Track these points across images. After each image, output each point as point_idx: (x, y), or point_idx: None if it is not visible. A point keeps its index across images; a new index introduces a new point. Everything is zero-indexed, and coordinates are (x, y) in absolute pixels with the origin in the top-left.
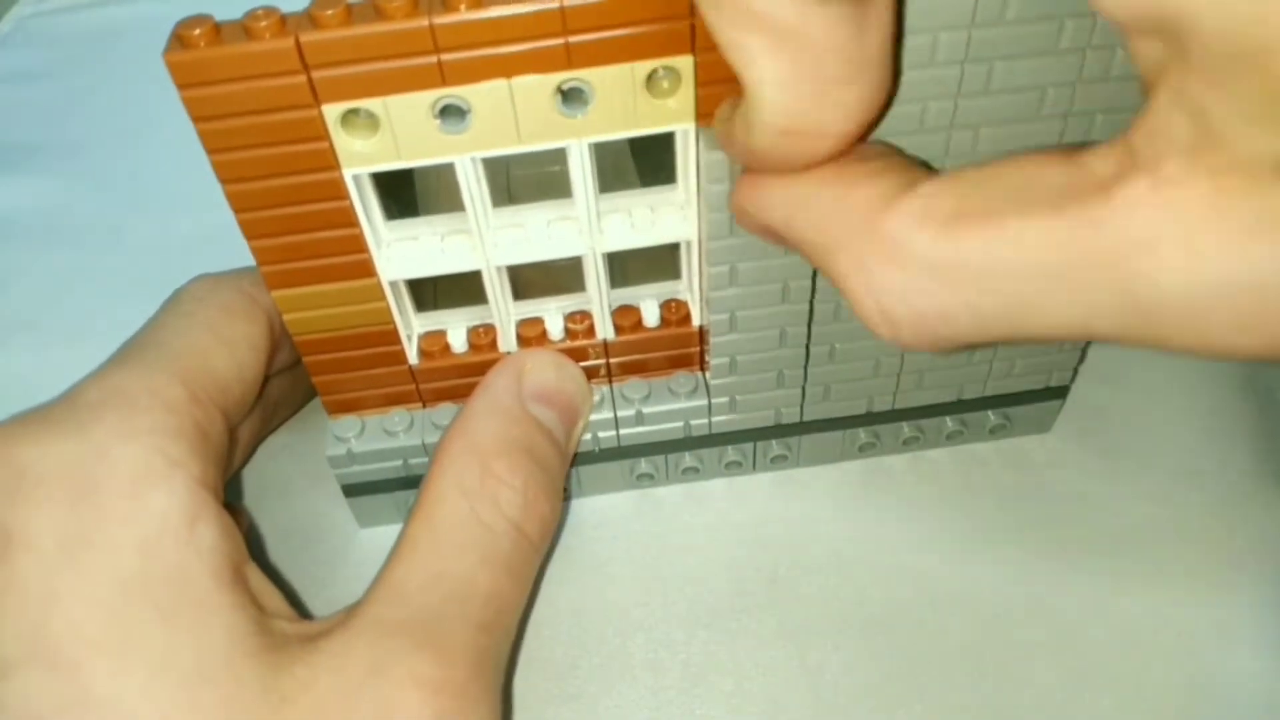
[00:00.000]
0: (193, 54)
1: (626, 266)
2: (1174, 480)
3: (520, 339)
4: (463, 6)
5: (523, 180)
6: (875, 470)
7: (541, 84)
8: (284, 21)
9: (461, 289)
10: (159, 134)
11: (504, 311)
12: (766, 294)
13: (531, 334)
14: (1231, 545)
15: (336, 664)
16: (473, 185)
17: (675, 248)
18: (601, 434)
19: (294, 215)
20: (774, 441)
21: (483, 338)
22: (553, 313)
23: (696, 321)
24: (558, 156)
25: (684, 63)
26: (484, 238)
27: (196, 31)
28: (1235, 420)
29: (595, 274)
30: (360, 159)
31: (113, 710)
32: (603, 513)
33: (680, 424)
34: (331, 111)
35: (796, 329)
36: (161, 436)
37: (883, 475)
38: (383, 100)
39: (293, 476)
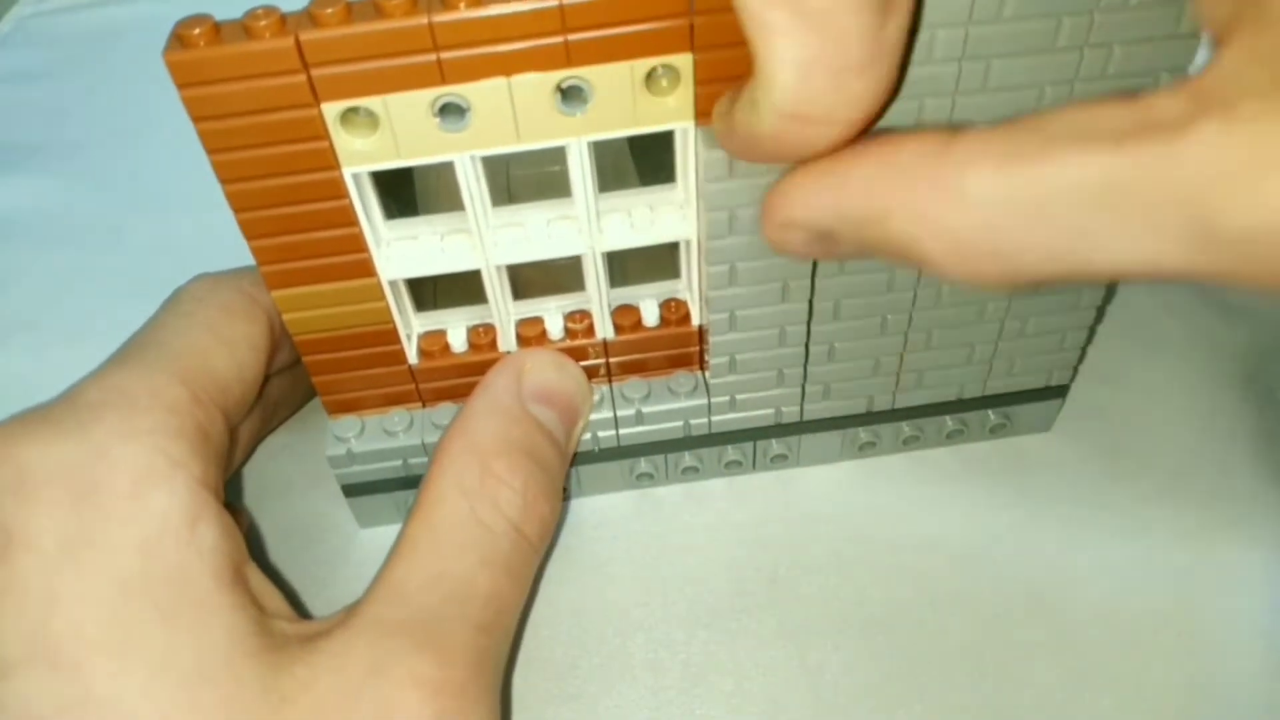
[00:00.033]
0: (192, 54)
1: (626, 266)
2: (1174, 480)
3: (520, 338)
4: (462, 5)
5: (522, 179)
6: (875, 470)
7: (541, 82)
8: (284, 20)
9: (461, 288)
10: (159, 134)
11: (504, 311)
12: (766, 293)
13: (531, 333)
14: (1232, 545)
15: (336, 664)
16: (472, 184)
17: (675, 247)
18: (601, 433)
19: (294, 215)
20: (774, 441)
21: (482, 337)
22: (552, 312)
23: (696, 321)
24: (557, 156)
25: (683, 61)
26: (483, 237)
27: (196, 31)
28: (1235, 420)
29: (595, 273)
30: (360, 158)
31: (113, 710)
32: (603, 512)
33: (680, 423)
34: (331, 110)
35: (796, 328)
36: (162, 437)
37: (883, 475)
38: (382, 99)
39: (293, 476)
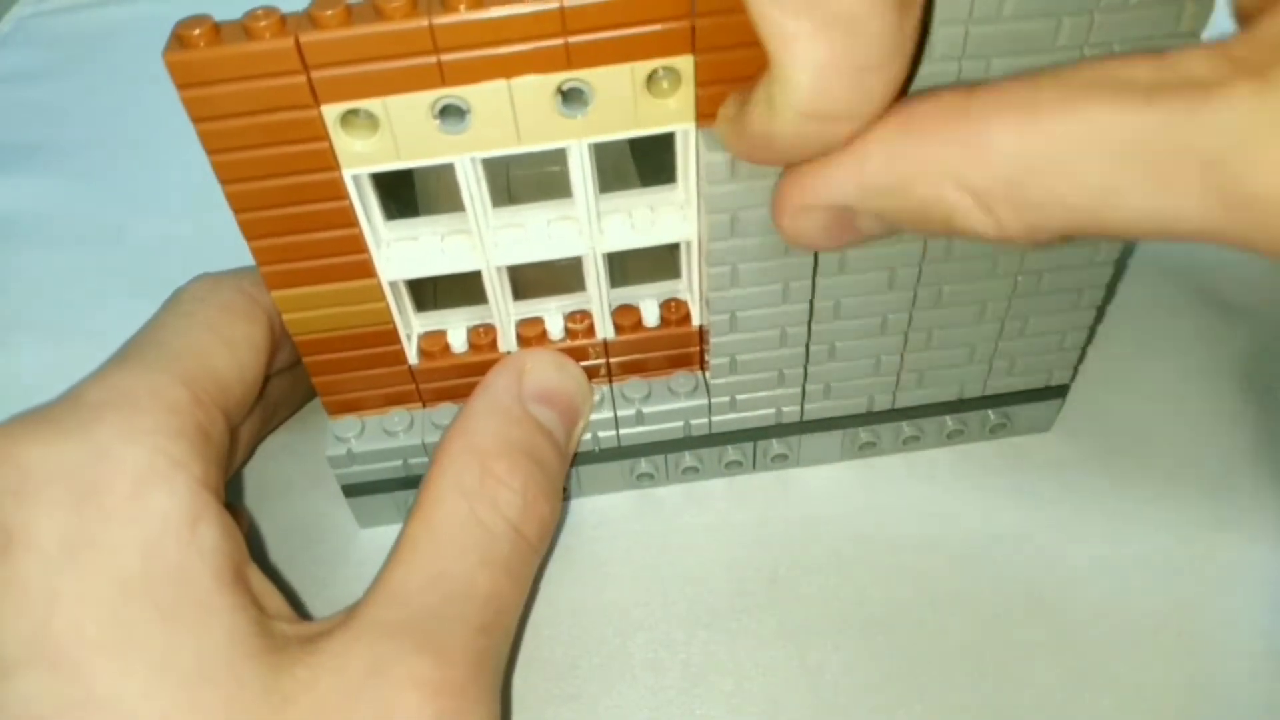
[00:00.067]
0: (192, 54)
1: (626, 266)
2: (1174, 480)
3: (520, 339)
4: (462, 7)
5: (522, 180)
6: (875, 470)
7: (541, 84)
8: (284, 21)
9: (461, 289)
10: (159, 134)
11: (504, 311)
12: (767, 294)
13: (531, 334)
14: (1232, 545)
15: (337, 665)
16: (472, 185)
17: (675, 247)
18: (601, 434)
19: (294, 215)
20: (774, 441)
21: (483, 337)
22: (553, 312)
23: (696, 321)
24: (557, 157)
25: (684, 63)
26: (484, 238)
27: (196, 31)
28: (1235, 420)
29: (595, 274)
30: (360, 159)
31: (114, 711)
32: (602, 513)
33: (680, 423)
34: (331, 112)
35: (796, 328)
36: (163, 437)
37: (883, 475)
38: (382, 100)
39: (293, 476)
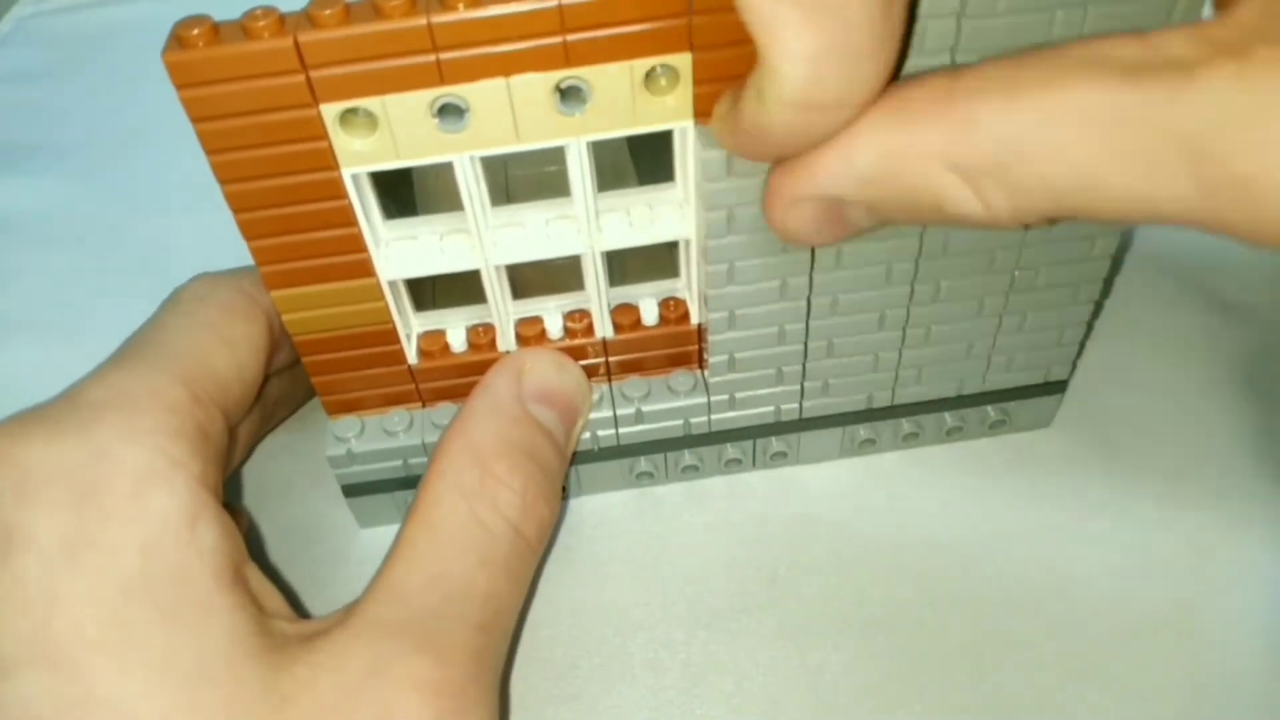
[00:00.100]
0: (191, 54)
1: (625, 265)
2: (1174, 480)
3: (519, 338)
4: (461, 5)
5: (521, 180)
6: (875, 468)
7: (540, 82)
8: (282, 21)
9: (460, 288)
10: (159, 134)
11: (503, 311)
12: (765, 292)
13: (530, 333)
14: (1232, 545)
15: (336, 664)
16: (471, 184)
17: (673, 246)
18: (601, 432)
19: (293, 215)
20: (773, 439)
21: (482, 337)
22: (552, 312)
23: (695, 319)
24: (556, 156)
25: (682, 60)
26: (483, 237)
27: (195, 31)
28: (1235, 420)
29: (594, 273)
30: (359, 158)
31: (114, 711)
32: (602, 512)
33: (680, 422)
34: (330, 111)
35: (794, 325)
36: (163, 437)
37: (882, 473)
38: (381, 99)
39: (293, 476)
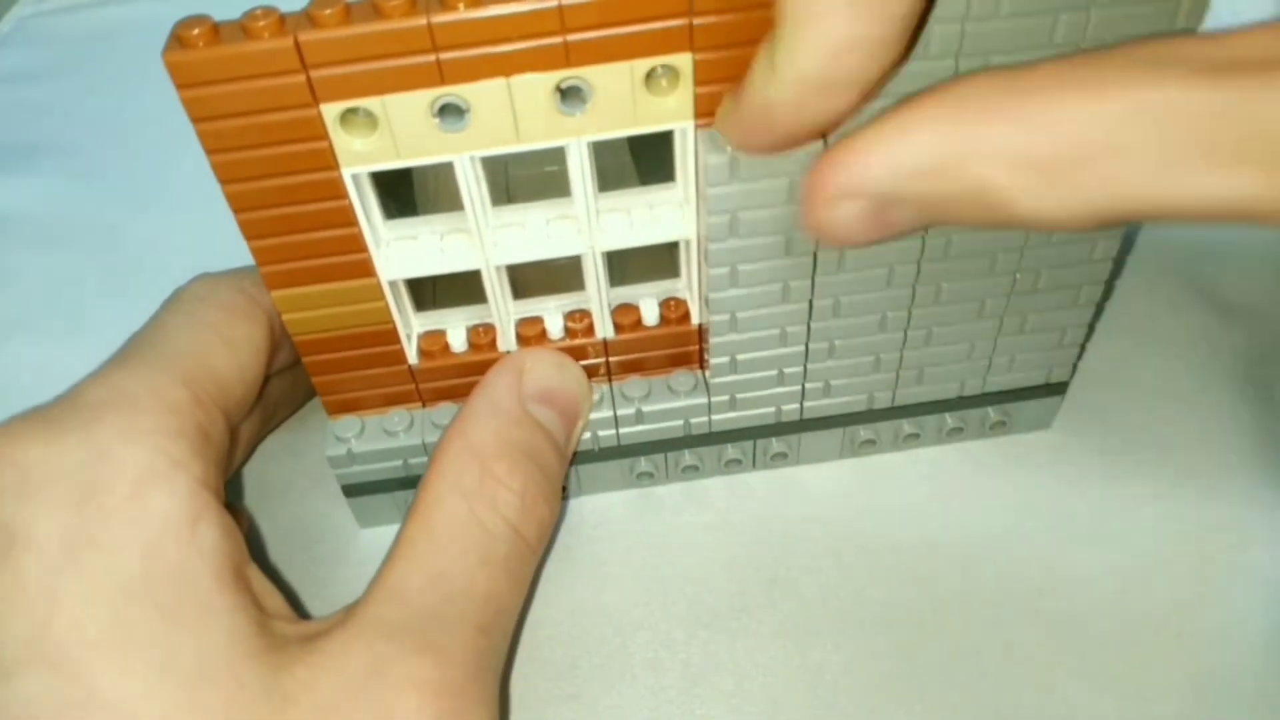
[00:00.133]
0: (192, 54)
1: (626, 265)
2: (1174, 480)
3: (520, 338)
4: (461, 5)
5: (521, 180)
6: (875, 468)
7: (540, 82)
8: (283, 21)
9: (461, 288)
10: (159, 134)
11: (503, 311)
12: (766, 294)
13: (531, 333)
14: (1231, 545)
15: (336, 664)
16: (472, 184)
17: (674, 246)
18: (601, 433)
19: (293, 215)
20: (774, 439)
21: (482, 337)
22: (552, 312)
23: (696, 320)
24: (556, 156)
25: (683, 61)
26: (483, 237)
27: (195, 31)
28: (1235, 420)
29: (594, 273)
30: (359, 158)
31: (114, 711)
32: (602, 512)
33: (680, 422)
34: (330, 111)
35: (796, 327)
36: (164, 437)
37: (882, 473)
38: (381, 99)
39: (293, 476)
